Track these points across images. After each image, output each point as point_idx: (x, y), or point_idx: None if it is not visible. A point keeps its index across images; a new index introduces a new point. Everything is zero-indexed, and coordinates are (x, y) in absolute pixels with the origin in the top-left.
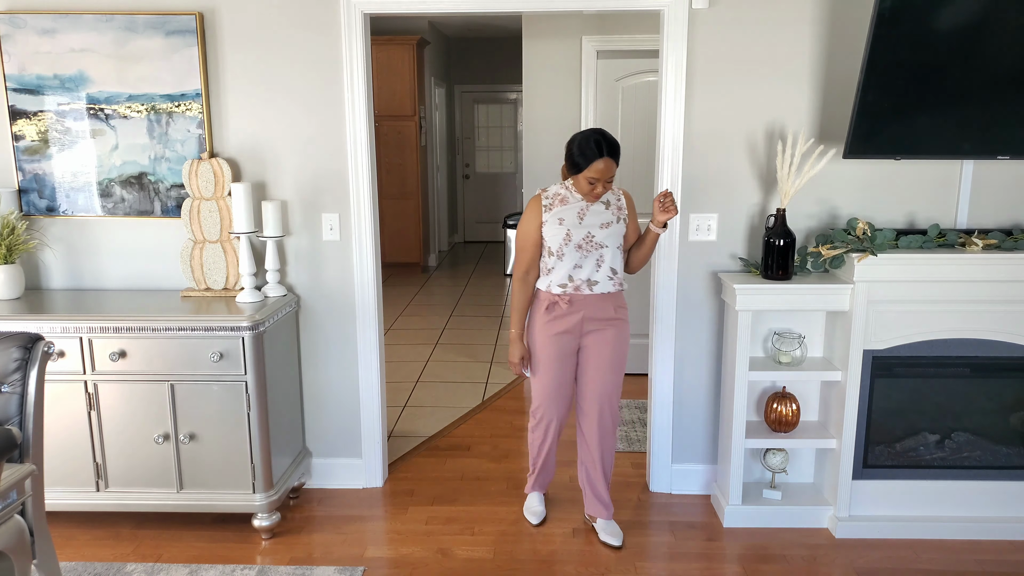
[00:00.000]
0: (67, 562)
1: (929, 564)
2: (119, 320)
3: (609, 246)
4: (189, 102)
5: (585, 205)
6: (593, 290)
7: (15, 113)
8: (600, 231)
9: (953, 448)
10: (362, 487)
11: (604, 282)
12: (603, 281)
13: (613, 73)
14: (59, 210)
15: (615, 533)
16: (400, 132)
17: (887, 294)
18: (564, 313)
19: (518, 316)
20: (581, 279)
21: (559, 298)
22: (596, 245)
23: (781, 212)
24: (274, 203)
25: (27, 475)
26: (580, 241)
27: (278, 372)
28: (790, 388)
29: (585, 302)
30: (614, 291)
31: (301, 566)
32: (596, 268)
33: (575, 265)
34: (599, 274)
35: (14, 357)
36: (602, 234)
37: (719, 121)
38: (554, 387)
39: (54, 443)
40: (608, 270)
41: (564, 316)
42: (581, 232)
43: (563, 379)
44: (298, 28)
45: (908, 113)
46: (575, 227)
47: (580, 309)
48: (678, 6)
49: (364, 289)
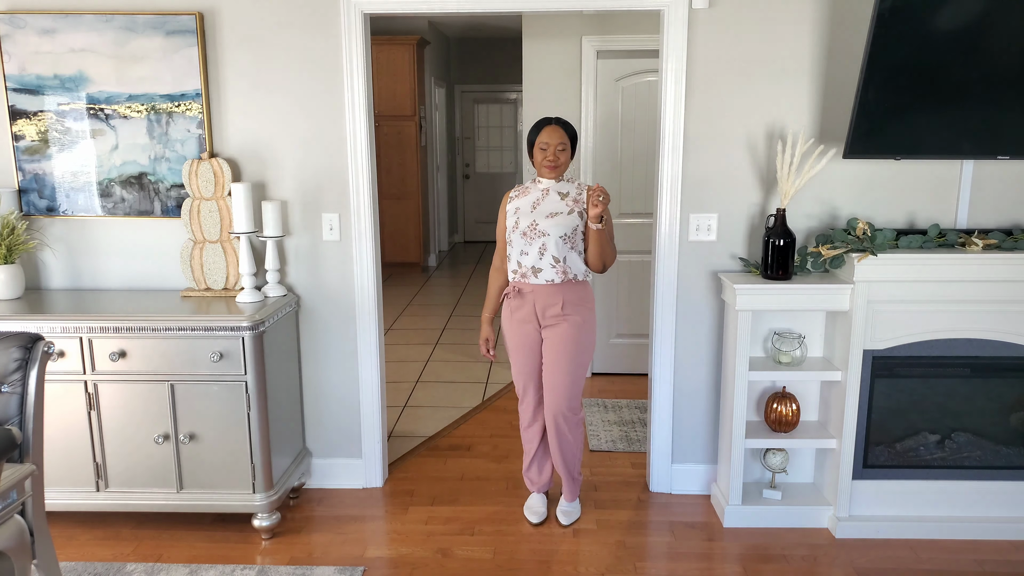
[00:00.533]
0: (67, 562)
1: (929, 564)
2: (119, 320)
3: (551, 235)
4: (189, 102)
5: (541, 195)
6: (538, 278)
7: (15, 113)
8: (545, 220)
9: (953, 448)
10: (362, 487)
11: (547, 270)
12: (546, 269)
13: (613, 73)
14: (59, 210)
15: (568, 513)
16: (400, 132)
17: (887, 294)
18: (519, 304)
19: (489, 302)
20: (527, 266)
21: (512, 287)
22: (539, 233)
23: (781, 212)
24: (274, 203)
25: (27, 475)
26: (525, 228)
27: (278, 372)
28: (790, 388)
29: (534, 292)
30: (559, 281)
31: (301, 566)
32: (539, 256)
33: (521, 252)
34: (542, 261)
35: (14, 357)
36: (547, 223)
37: (719, 121)
38: (526, 372)
39: (54, 443)
40: (551, 258)
41: (520, 307)
42: (528, 220)
43: (532, 364)
44: (298, 28)
45: (908, 113)
46: (525, 215)
47: (531, 299)
48: (678, 6)
49: (364, 289)
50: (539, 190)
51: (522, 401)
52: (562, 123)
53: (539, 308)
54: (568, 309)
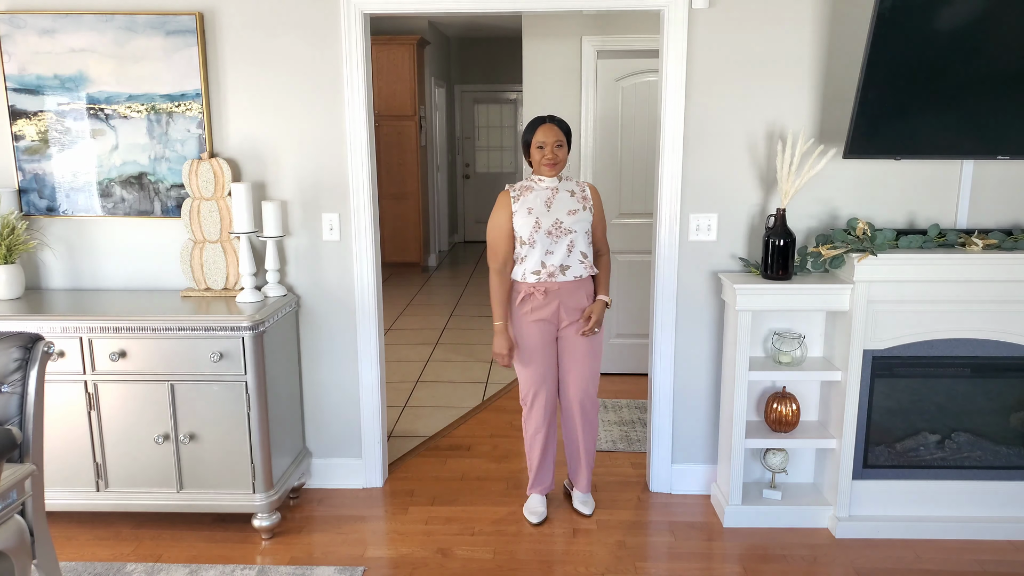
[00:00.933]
0: (67, 562)
1: (929, 564)
2: (119, 320)
3: (578, 231)
4: (189, 102)
5: (551, 193)
6: (566, 275)
7: (15, 113)
8: (568, 217)
9: (953, 448)
10: (362, 487)
11: (576, 266)
12: (575, 265)
13: (613, 73)
14: (59, 210)
15: (587, 502)
16: (400, 132)
17: (887, 294)
18: (540, 304)
19: (500, 308)
20: (554, 265)
21: (535, 288)
22: (565, 231)
23: (781, 212)
24: (274, 203)
25: (27, 475)
26: (549, 227)
27: (278, 372)
28: (790, 388)
29: (560, 290)
30: (586, 275)
31: (301, 566)
32: (567, 253)
33: (546, 251)
34: (571, 258)
35: (14, 357)
36: (570, 220)
37: (719, 121)
38: (541, 373)
39: (54, 443)
40: (579, 254)
41: (541, 307)
42: (550, 219)
43: (548, 364)
44: (298, 28)
45: (908, 113)
46: (543, 214)
47: (555, 298)
48: (678, 6)
49: (364, 289)
50: (545, 188)
51: (532, 406)
52: (556, 120)
53: (564, 305)
54: (588, 301)
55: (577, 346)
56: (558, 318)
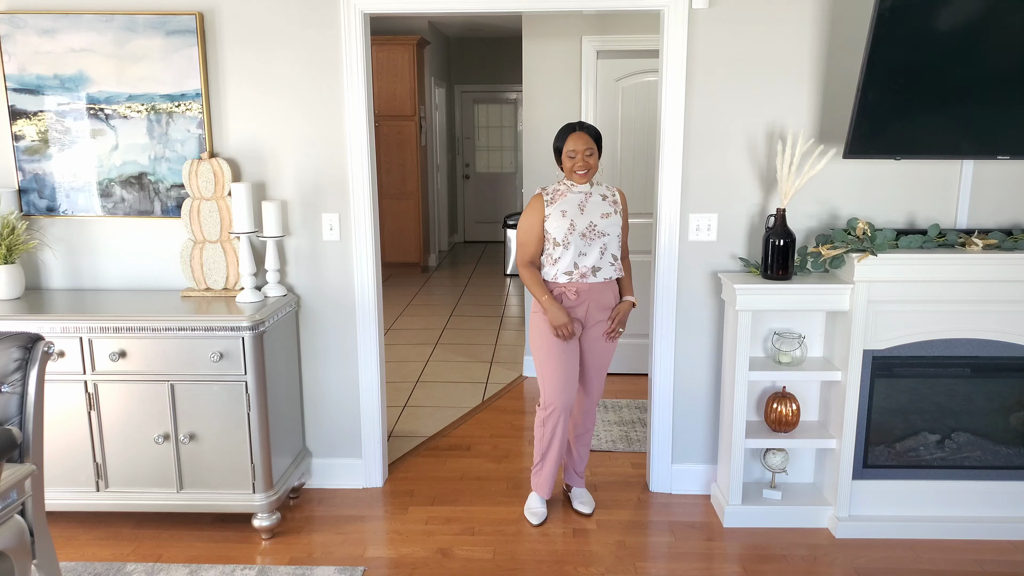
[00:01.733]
0: (67, 562)
1: (929, 564)
2: (119, 320)
3: (611, 234)
4: (189, 102)
5: (584, 197)
6: (597, 276)
7: (15, 113)
8: (602, 220)
9: (953, 448)
10: (362, 487)
11: (607, 268)
12: (606, 267)
13: (613, 73)
14: (59, 210)
15: (587, 501)
16: (400, 132)
17: (887, 294)
18: (572, 304)
19: (540, 287)
20: (586, 266)
21: (566, 288)
22: (599, 233)
23: (781, 212)
24: (274, 203)
25: (27, 475)
26: (584, 230)
27: (278, 372)
28: (790, 388)
29: (590, 291)
30: (614, 277)
31: (301, 566)
32: (600, 255)
33: (580, 252)
34: (602, 260)
35: (14, 357)
36: (604, 223)
37: (719, 121)
38: (565, 377)
39: (54, 443)
40: (611, 256)
41: (572, 307)
42: (584, 221)
43: (572, 367)
44: (298, 28)
45: (908, 113)
46: (578, 217)
47: (586, 299)
48: (678, 6)
49: (364, 289)
50: (579, 192)
51: (552, 407)
52: (587, 128)
53: (592, 306)
54: (615, 301)
55: (605, 349)
56: (586, 319)
